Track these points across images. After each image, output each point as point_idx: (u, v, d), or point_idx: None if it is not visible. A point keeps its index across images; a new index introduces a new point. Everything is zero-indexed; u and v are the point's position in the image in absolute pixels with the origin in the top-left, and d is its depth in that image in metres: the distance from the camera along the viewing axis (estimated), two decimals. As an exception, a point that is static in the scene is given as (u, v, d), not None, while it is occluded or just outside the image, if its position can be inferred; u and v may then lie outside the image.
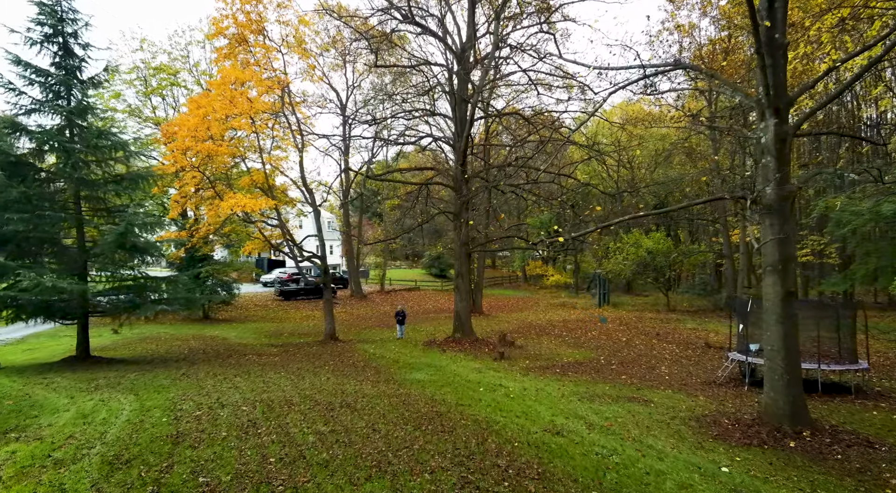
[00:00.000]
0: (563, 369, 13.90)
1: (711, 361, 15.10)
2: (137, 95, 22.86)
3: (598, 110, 10.02)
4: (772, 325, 8.43)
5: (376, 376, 12.10)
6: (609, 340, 18.74)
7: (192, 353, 15.19)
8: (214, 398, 8.49)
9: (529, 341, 18.36)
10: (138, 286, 12.53)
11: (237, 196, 13.72)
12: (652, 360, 15.20)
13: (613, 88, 9.47)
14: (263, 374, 11.60)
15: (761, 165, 8.63)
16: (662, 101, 21.40)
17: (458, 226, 17.24)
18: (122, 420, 7.02)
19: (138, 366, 12.29)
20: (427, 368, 13.41)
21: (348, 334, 20.11)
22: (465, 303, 17.28)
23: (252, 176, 16.95)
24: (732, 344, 13.82)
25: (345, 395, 9.37)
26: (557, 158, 17.67)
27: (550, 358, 15.37)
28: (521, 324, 23.48)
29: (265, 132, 20.01)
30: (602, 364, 14.60)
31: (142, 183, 12.51)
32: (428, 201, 20.02)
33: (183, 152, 13.86)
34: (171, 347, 16.49)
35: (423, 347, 16.69)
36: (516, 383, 11.78)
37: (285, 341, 18.39)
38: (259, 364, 13.13)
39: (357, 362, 13.91)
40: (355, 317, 26.91)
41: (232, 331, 20.90)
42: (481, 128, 26.10)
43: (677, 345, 17.51)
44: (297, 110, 16.31)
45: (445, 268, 52.04)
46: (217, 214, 14.46)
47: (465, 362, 14.46)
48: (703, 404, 10.45)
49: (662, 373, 13.60)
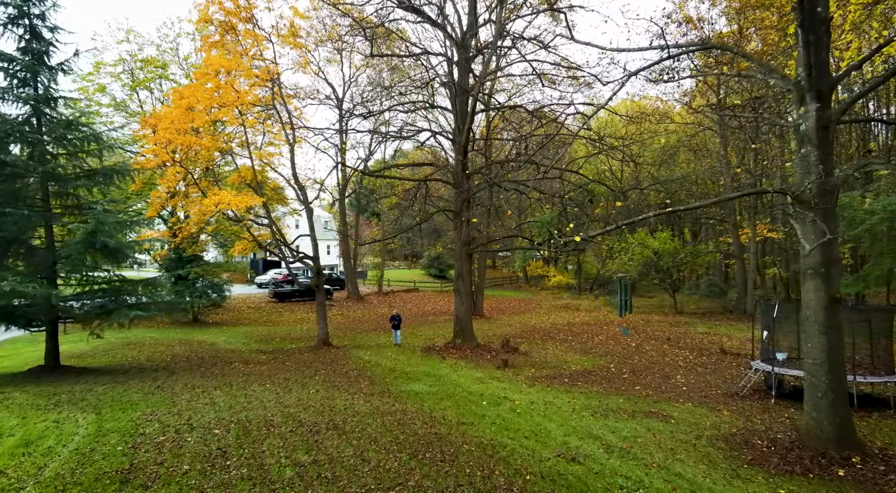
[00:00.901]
0: (571, 378, 12.95)
1: (729, 369, 14.15)
2: (124, 88, 21.89)
3: (612, 98, 9.06)
4: (813, 336, 7.48)
5: (370, 387, 11.14)
6: (618, 345, 17.78)
7: (175, 360, 14.22)
8: (185, 419, 7.52)
9: (534, 347, 17.40)
10: (113, 290, 11.56)
11: (221, 193, 12.75)
12: (665, 368, 14.25)
13: (626, 75, 8.53)
14: (247, 386, 10.64)
15: (800, 156, 7.68)
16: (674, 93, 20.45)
17: (459, 225, 16.29)
18: (70, 449, 6.06)
19: (112, 377, 11.32)
20: (426, 377, 12.45)
21: (343, 339, 19.13)
22: (466, 306, 16.33)
23: (241, 173, 15.97)
24: (754, 352, 12.89)
25: (333, 412, 8.41)
26: (565, 152, 16.70)
27: (557, 366, 14.41)
28: (523, 328, 22.53)
29: (256, 127, 19.07)
30: (613, 373, 13.64)
31: (117, 178, 11.53)
32: (427, 199, 19.04)
33: (164, 146, 12.88)
34: (154, 353, 15.51)
35: (422, 353, 15.73)
36: (522, 396, 10.82)
37: (276, 346, 17.42)
38: (244, 374, 12.16)
39: (350, 371, 12.95)
40: (351, 320, 25.94)
41: (221, 335, 19.92)
42: (482, 123, 25.15)
43: (690, 351, 16.56)
44: (288, 103, 15.34)
45: (445, 268, 51.07)
46: (202, 212, 13.49)
47: (466, 370, 13.50)
48: (728, 421, 9.50)
49: (678, 383, 12.65)
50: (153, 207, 13.76)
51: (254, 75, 13.80)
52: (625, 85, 8.36)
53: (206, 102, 13.04)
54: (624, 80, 8.60)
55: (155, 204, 13.70)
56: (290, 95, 18.77)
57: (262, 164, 16.46)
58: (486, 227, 26.48)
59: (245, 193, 13.82)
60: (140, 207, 22.24)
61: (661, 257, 27.80)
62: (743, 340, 18.44)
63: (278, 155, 22.34)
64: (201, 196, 13.54)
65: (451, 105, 17.91)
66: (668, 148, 27.68)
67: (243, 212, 13.99)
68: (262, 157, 17.45)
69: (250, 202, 12.69)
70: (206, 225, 14.42)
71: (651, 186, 22.14)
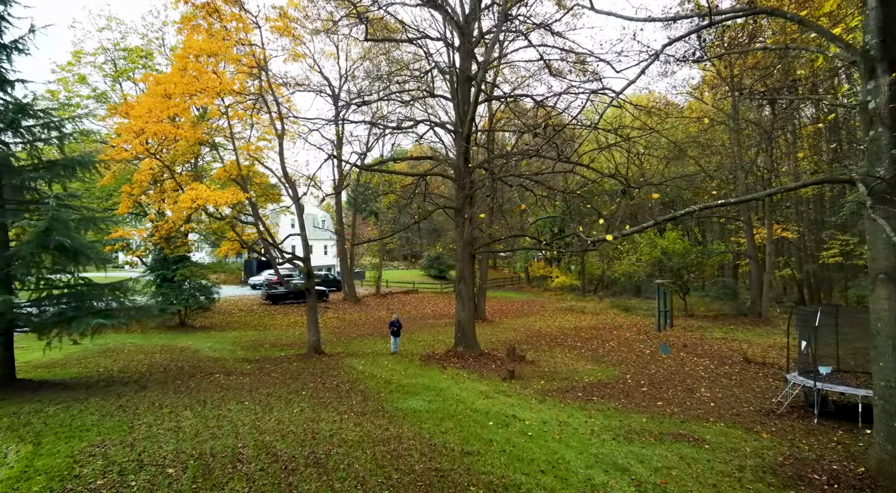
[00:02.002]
0: (585, 392, 11.74)
1: (756, 380, 12.94)
2: (105, 78, 20.66)
3: (637, 79, 7.84)
4: (886, 353, 6.28)
5: (362, 404, 9.93)
6: (631, 352, 16.57)
7: (151, 371, 13.01)
8: (136, 453, 6.31)
9: (541, 355, 16.19)
10: (75, 295, 10.34)
11: (199, 188, 11.54)
12: (687, 379, 13.04)
13: (652, 55, 7.33)
14: (222, 404, 9.43)
15: (870, 139, 6.47)
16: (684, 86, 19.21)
17: (461, 223, 15.08)
18: (-23, 502, 4.85)
19: (72, 393, 10.10)
20: (425, 392, 11.25)
21: (336, 346, 17.93)
22: (468, 311, 15.12)
23: (226, 168, 14.75)
24: (788, 363, 11.69)
25: (316, 441, 7.20)
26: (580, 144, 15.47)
27: (568, 377, 13.20)
28: (528, 332, 21.33)
29: (245, 120, 17.86)
30: (630, 385, 12.43)
31: (81, 171, 10.33)
32: (426, 197, 17.81)
33: (136, 135, 11.66)
34: (130, 362, 14.30)
35: (421, 363, 14.52)
36: (533, 414, 9.62)
37: (264, 354, 16.20)
38: (223, 388, 10.95)
39: (341, 384, 11.74)
40: (347, 323, 24.72)
41: (207, 341, 18.70)
42: (484, 116, 23.94)
43: (710, 359, 15.35)
44: (275, 91, 14.12)
45: (445, 269, 49.89)
46: (179, 208, 12.27)
47: (469, 382, 12.30)
48: (770, 446, 8.29)
49: (704, 397, 11.43)
50: (123, 203, 12.56)
51: (238, 60, 12.57)
52: (648, 67, 7.15)
53: (184, 87, 11.81)
54: (649, 60, 7.41)
55: (125, 200, 12.49)
56: (279, 86, 17.55)
57: (250, 157, 15.22)
58: (488, 226, 25.28)
59: (230, 188, 12.60)
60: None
61: (671, 258, 26.59)
62: (765, 347, 17.25)
63: (269, 149, 21.09)
64: (179, 192, 12.33)
65: (451, 95, 16.72)
66: (680, 142, 26.43)
67: (223, 208, 12.79)
68: (250, 150, 16.23)
69: (231, 198, 11.48)
70: (186, 223, 13.19)
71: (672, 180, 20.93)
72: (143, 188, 12.05)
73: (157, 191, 12.25)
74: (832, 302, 32.36)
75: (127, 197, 12.45)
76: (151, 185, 12.46)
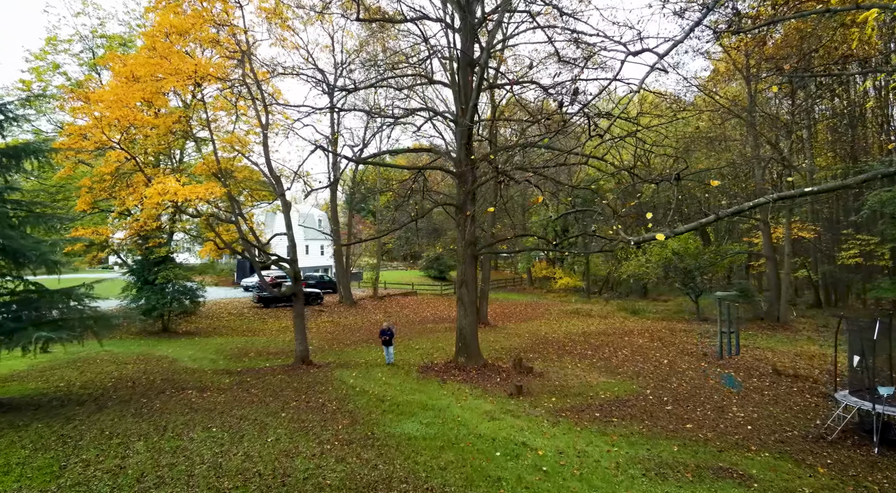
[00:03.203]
0: (602, 411, 10.41)
1: (792, 396, 11.61)
2: (83, 67, 19.32)
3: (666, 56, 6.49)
4: None
5: (349, 430, 8.60)
6: (647, 362, 15.25)
7: (117, 386, 11.69)
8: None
9: (550, 365, 14.86)
10: (22, 302, 9.02)
11: (168, 181, 10.21)
12: (714, 395, 11.71)
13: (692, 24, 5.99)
14: (186, 431, 8.10)
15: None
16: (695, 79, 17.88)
17: (462, 222, 13.76)
18: None
19: (15, 415, 8.78)
20: (422, 412, 9.92)
21: (327, 355, 16.61)
22: (471, 318, 13.79)
23: (205, 160, 13.44)
24: (816, 372, 10.37)
25: (286, 488, 5.87)
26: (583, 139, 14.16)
27: (582, 392, 11.87)
28: (534, 338, 20.00)
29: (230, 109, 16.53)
30: (652, 402, 11.10)
31: (28, 161, 9.03)
32: (425, 194, 16.46)
33: (98, 121, 10.33)
34: (98, 375, 12.98)
35: (418, 375, 13.19)
36: (547, 442, 8.30)
37: (247, 365, 14.88)
38: (191, 409, 9.62)
39: (328, 403, 10.41)
40: (341, 328, 23.39)
41: (189, 349, 17.37)
42: (486, 107, 22.62)
43: (735, 370, 14.02)
44: (259, 76, 12.79)
45: (445, 269, 48.57)
46: (150, 204, 10.94)
47: (472, 399, 10.97)
48: (830, 485, 6.97)
49: (738, 418, 10.10)
50: (82, 198, 11.23)
51: (215, 40, 11.23)
52: (683, 39, 5.82)
53: (151, 68, 10.47)
54: (684, 33, 6.09)
55: (84, 195, 11.17)
56: (266, 73, 16.22)
57: (235, 150, 13.88)
58: (491, 225, 23.96)
59: (205, 183, 11.28)
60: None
61: (683, 259, 25.26)
62: (791, 356, 15.92)
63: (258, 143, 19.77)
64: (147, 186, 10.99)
65: (450, 82, 15.42)
66: (691, 137, 25.08)
67: (195, 204, 11.48)
68: (234, 142, 14.90)
69: (205, 194, 10.14)
70: (156, 220, 11.86)
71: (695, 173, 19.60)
72: (107, 183, 10.75)
73: (122, 185, 10.97)
74: (849, 304, 31.03)
75: (86, 192, 11.16)
76: (116, 178, 11.15)
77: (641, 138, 13.27)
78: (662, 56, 5.22)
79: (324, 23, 24.89)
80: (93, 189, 11.23)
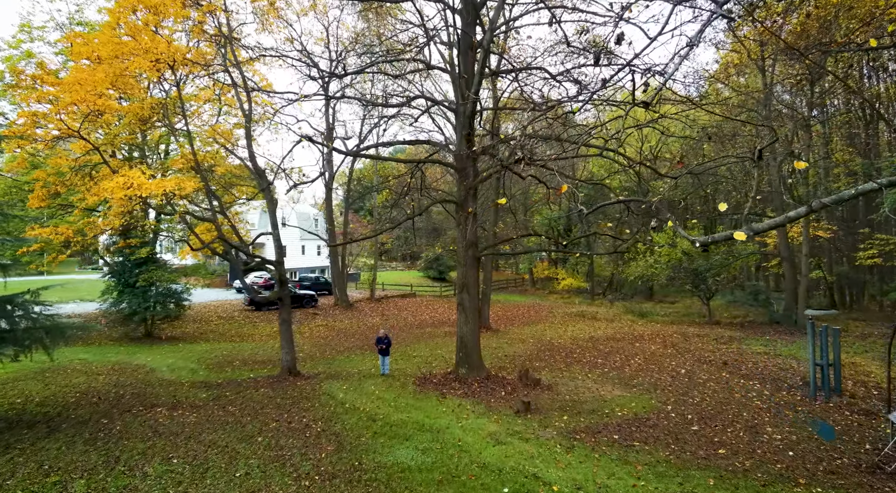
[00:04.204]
0: (622, 432, 9.24)
1: (830, 413, 10.44)
2: (59, 55, 18.12)
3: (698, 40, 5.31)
4: None
5: (333, 459, 7.44)
6: (663, 372, 14.08)
7: (80, 402, 10.54)
8: None
9: (558, 376, 13.70)
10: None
11: (132, 174, 9.05)
12: (742, 412, 10.54)
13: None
14: (141, 464, 6.94)
15: None
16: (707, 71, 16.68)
17: (463, 220, 12.60)
18: None
19: (-52, 444, 7.62)
20: (418, 434, 8.76)
21: (318, 363, 15.45)
22: (473, 326, 12.62)
23: (182, 152, 12.28)
24: (850, 385, 9.21)
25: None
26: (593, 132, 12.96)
27: (596, 409, 10.70)
28: (539, 344, 18.84)
29: (213, 100, 15.39)
30: (675, 422, 9.93)
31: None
32: (422, 191, 15.29)
33: (51, 105, 9.17)
34: (62, 389, 11.81)
35: (415, 388, 12.03)
36: (562, 473, 7.15)
37: (229, 375, 13.72)
38: (155, 433, 8.46)
39: (312, 423, 9.25)
40: (335, 333, 22.23)
41: (170, 356, 16.21)
42: (488, 97, 21.43)
43: (761, 382, 12.85)
44: (238, 55, 11.61)
45: (445, 270, 47.42)
46: (117, 199, 9.76)
47: (474, 418, 9.81)
48: (905, 532, 5.82)
49: (775, 441, 8.93)
50: (36, 194, 10.07)
51: (185, 15, 10.07)
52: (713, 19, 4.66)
53: (114, 48, 9.31)
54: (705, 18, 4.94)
55: (38, 191, 10.01)
56: (251, 61, 15.05)
57: (214, 142, 12.71)
58: (493, 224, 22.79)
59: (175, 177, 10.11)
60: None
61: (694, 259, 24.10)
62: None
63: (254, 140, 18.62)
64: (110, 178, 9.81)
65: (449, 67, 14.27)
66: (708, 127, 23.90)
67: (160, 199, 10.31)
68: (215, 134, 13.74)
69: (172, 188, 8.97)
70: (123, 217, 10.69)
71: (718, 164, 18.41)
72: (69, 177, 9.63)
73: (81, 179, 9.84)
74: (864, 306, 29.86)
75: (41, 187, 10.01)
76: (77, 172, 10.01)
77: (659, 128, 12.13)
78: (692, 40, 4.07)
79: (317, 12, 23.73)
80: (48, 184, 10.11)
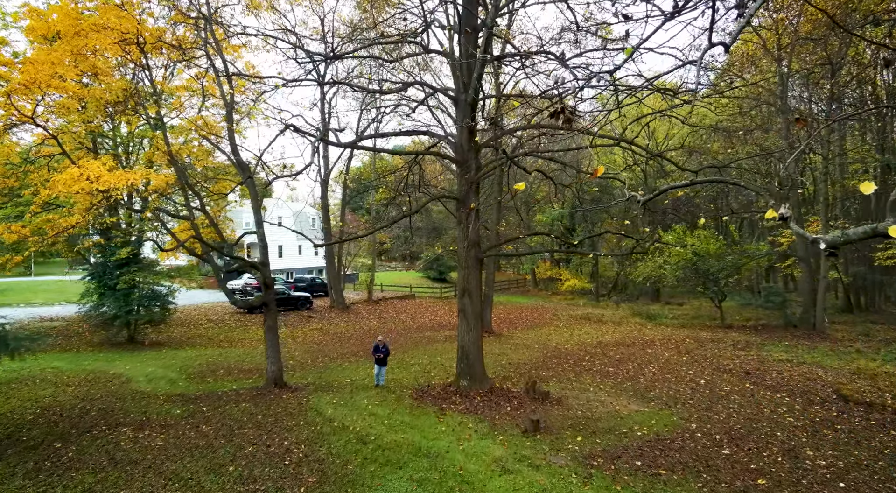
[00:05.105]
0: (644, 457, 8.15)
1: (873, 433, 9.35)
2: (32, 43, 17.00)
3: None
4: None
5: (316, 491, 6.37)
6: (680, 382, 12.99)
7: (36, 421, 9.48)
8: None
9: (567, 387, 12.62)
10: None
11: (91, 165, 7.98)
12: (776, 431, 9.45)
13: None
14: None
15: None
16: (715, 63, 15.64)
17: (464, 218, 11.53)
18: None
19: None
20: (414, 460, 7.69)
21: (307, 372, 14.39)
22: (475, 333, 11.54)
23: (156, 143, 11.22)
24: None
25: None
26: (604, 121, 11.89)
27: (612, 427, 9.62)
28: (545, 350, 17.76)
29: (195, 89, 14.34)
30: (703, 443, 8.84)
31: None
32: (421, 187, 14.22)
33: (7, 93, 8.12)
34: (22, 404, 10.76)
35: (412, 402, 10.95)
36: (582, 515, 6.06)
37: (210, 387, 12.65)
38: (111, 462, 7.39)
39: (294, 447, 8.17)
40: (330, 337, 21.16)
41: (151, 364, 15.15)
42: (491, 86, 20.35)
43: (790, 396, 11.76)
44: (217, 36, 10.54)
45: (445, 270, 46.31)
46: (73, 192, 8.71)
47: (477, 439, 8.74)
48: None
49: (818, 467, 7.84)
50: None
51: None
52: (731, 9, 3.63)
53: (72, 23, 8.25)
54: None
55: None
56: (236, 48, 13.99)
57: (191, 131, 11.63)
58: (495, 223, 21.71)
59: (140, 169, 9.05)
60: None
61: (705, 260, 22.99)
62: (848, 375, 13.61)
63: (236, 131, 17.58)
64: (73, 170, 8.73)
65: (450, 55, 13.21)
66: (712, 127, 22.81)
67: (122, 192, 9.26)
68: (195, 126, 12.68)
69: (138, 178, 7.91)
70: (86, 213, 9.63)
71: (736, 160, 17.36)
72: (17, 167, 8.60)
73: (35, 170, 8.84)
74: (879, 307, 28.74)
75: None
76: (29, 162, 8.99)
77: (680, 115, 11.07)
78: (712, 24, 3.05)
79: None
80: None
